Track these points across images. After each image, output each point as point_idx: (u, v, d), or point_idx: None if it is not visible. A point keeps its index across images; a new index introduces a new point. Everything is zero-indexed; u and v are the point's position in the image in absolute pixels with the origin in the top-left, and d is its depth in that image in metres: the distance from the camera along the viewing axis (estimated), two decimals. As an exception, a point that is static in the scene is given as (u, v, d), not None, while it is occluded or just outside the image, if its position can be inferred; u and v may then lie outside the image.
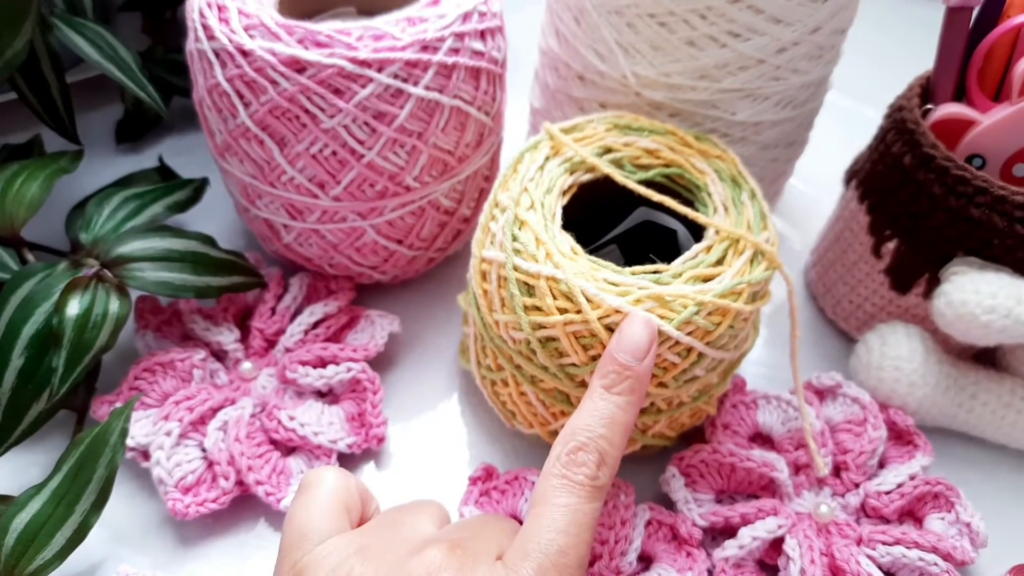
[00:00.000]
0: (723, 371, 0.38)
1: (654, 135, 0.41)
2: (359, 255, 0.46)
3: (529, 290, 0.35)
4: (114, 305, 0.41)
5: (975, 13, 0.41)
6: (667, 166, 0.40)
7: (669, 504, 0.41)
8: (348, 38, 0.38)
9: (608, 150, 0.40)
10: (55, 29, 0.49)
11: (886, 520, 0.41)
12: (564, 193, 0.39)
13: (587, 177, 0.39)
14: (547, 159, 0.39)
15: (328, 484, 0.31)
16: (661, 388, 0.36)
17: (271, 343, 0.46)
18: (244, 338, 0.46)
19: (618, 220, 0.43)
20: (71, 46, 0.49)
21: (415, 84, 0.39)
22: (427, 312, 0.51)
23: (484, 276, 0.37)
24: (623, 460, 0.41)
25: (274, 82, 0.38)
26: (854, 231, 0.47)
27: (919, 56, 0.46)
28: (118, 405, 0.41)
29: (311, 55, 0.37)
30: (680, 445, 0.42)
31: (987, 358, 0.46)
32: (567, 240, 0.36)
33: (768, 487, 0.41)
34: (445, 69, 0.40)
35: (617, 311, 0.33)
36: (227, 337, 0.45)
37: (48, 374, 0.39)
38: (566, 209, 0.38)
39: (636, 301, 0.33)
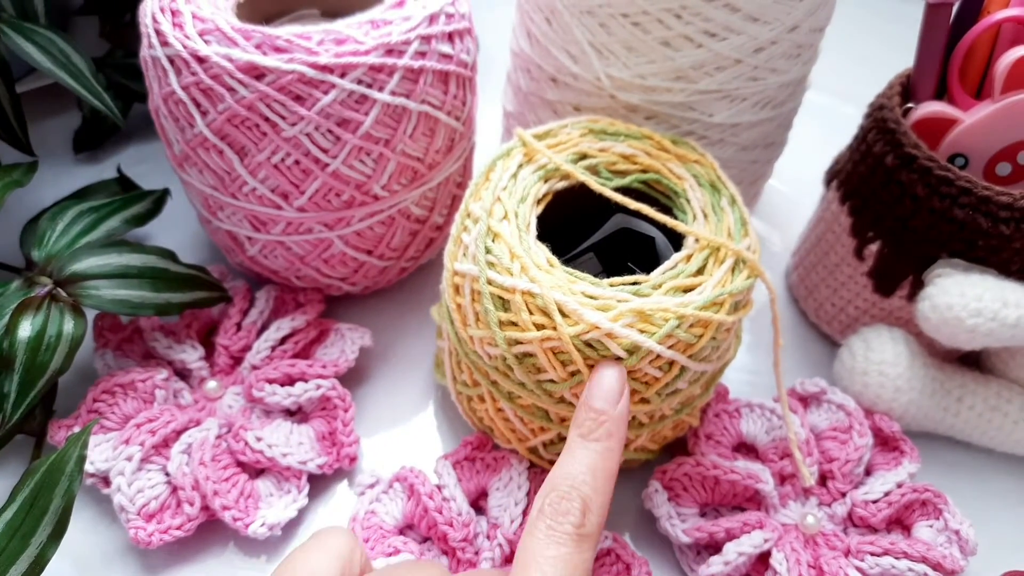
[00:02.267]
0: (705, 382, 0.37)
1: (630, 140, 0.39)
2: (327, 267, 0.44)
3: (504, 305, 0.33)
4: (68, 326, 0.39)
5: (955, 9, 0.40)
6: (644, 172, 0.39)
7: (652, 519, 0.39)
8: (308, 43, 0.36)
9: (583, 156, 0.39)
10: (4, 36, 0.47)
11: (874, 529, 0.40)
12: (539, 202, 0.37)
13: (562, 184, 0.38)
14: (520, 166, 0.38)
15: (335, 543, 0.30)
16: (643, 403, 0.34)
17: (237, 360, 0.44)
18: (209, 355, 0.44)
19: (595, 226, 0.42)
20: (20, 54, 0.47)
21: (380, 89, 0.37)
22: (400, 323, 0.49)
23: (457, 290, 0.36)
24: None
25: (231, 89, 0.36)
26: (836, 233, 0.46)
27: (899, 53, 0.45)
28: (76, 430, 0.39)
29: (269, 61, 0.36)
30: (663, 457, 0.41)
31: (972, 360, 0.46)
32: (543, 251, 0.34)
33: (753, 498, 0.40)
34: (411, 73, 0.38)
35: (596, 327, 0.31)
36: (191, 355, 0.43)
37: (0, 400, 0.37)
38: (541, 216, 0.37)
39: (616, 316, 0.32)
